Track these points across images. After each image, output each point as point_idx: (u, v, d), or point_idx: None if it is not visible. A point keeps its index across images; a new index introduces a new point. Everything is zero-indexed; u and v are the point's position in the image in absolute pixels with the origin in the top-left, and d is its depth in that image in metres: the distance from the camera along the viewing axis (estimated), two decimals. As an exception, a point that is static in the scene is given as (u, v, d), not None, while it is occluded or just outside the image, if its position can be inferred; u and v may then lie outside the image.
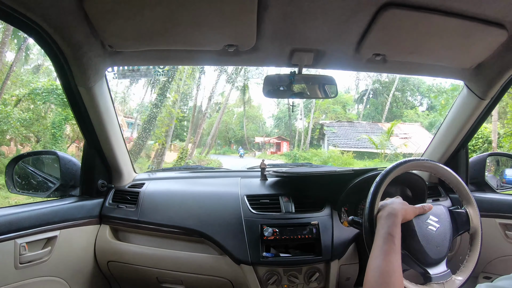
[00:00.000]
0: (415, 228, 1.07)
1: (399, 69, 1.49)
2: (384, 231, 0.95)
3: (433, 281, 1.05)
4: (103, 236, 1.54)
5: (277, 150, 30.53)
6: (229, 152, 33.08)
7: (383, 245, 0.92)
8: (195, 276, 1.43)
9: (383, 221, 0.99)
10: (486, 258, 1.60)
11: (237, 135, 36.33)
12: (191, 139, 19.40)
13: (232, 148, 35.63)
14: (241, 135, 35.55)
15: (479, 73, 1.37)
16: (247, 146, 33.64)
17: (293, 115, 29.80)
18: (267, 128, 37.96)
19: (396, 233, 0.95)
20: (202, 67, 17.30)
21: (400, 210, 1.02)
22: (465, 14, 1.03)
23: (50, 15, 0.96)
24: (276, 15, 1.06)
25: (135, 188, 1.65)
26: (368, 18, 1.06)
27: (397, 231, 0.96)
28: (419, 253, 1.06)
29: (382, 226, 0.97)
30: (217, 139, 32.84)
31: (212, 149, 31.55)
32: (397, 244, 0.92)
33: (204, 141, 32.54)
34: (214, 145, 32.77)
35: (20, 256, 1.21)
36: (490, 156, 1.87)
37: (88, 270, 1.53)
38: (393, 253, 0.90)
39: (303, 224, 1.42)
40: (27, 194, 1.65)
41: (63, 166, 1.58)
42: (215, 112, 29.03)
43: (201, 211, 1.49)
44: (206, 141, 27.02)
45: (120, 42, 1.20)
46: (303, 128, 27.08)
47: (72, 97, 1.34)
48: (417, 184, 1.48)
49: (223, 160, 21.07)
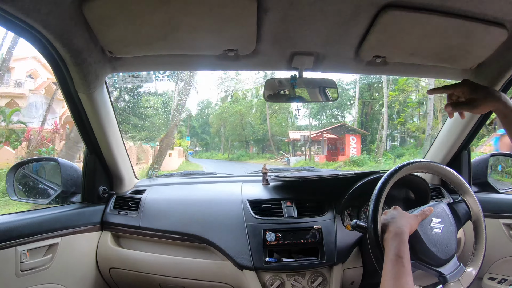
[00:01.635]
0: (421, 236, 1.06)
1: (399, 71, 1.49)
2: (392, 253, 0.93)
3: (450, 281, 1.06)
4: (105, 242, 1.53)
5: (336, 153, 18.67)
6: (245, 157, 26.32)
7: (392, 269, 0.90)
8: (198, 282, 1.42)
9: (390, 242, 0.97)
10: (490, 259, 1.59)
11: (258, 133, 27.53)
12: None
13: (251, 151, 28.70)
14: (263, 132, 27.03)
15: (480, 73, 1.37)
16: (272, 148, 26.40)
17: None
18: (296, 120, 28.24)
19: (404, 253, 0.93)
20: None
21: (405, 226, 1.00)
22: (465, 14, 1.03)
23: (50, 21, 0.96)
24: (276, 18, 1.06)
25: (136, 194, 1.65)
26: (368, 20, 1.06)
27: (405, 250, 0.94)
28: (430, 259, 1.06)
29: (389, 248, 0.95)
30: (231, 139, 28.89)
31: (225, 153, 28.12)
32: (407, 265, 0.91)
33: (215, 143, 29.78)
34: (227, 148, 28.85)
35: (21, 263, 1.20)
36: (492, 156, 1.86)
37: (90, 277, 1.52)
38: (404, 276, 0.88)
39: (306, 228, 1.41)
40: (28, 201, 1.65)
41: (64, 172, 1.58)
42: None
43: (203, 216, 1.49)
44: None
45: (120, 48, 1.20)
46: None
47: (72, 103, 1.33)
48: (420, 186, 1.48)
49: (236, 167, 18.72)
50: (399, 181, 1.15)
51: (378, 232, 1.04)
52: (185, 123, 29.80)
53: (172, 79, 16.22)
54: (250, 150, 28.83)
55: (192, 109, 33.39)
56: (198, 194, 1.66)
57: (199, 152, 31.53)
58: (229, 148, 29.58)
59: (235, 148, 29.95)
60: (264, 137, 27.28)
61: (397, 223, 1.01)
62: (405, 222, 1.02)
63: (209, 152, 31.25)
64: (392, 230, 0.99)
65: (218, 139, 31.44)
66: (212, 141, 32.61)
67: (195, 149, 31.75)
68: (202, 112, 33.93)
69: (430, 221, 1.11)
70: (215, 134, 31.12)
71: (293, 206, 1.50)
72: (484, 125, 1.63)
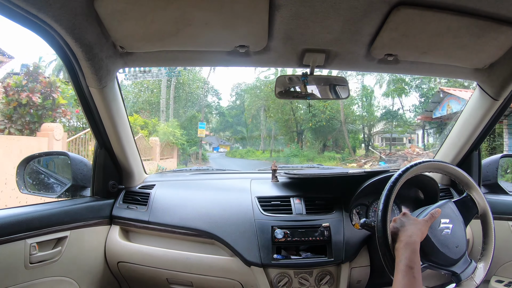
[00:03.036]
0: (432, 239, 1.07)
1: (411, 70, 1.47)
2: (402, 264, 0.93)
3: (463, 279, 1.07)
4: (113, 236, 1.54)
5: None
6: (301, 158, 17.92)
7: (402, 280, 0.91)
8: (205, 277, 1.43)
9: (401, 252, 0.96)
10: (498, 262, 1.58)
11: (318, 118, 17.86)
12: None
13: (302, 147, 20.23)
14: (330, 117, 17.99)
15: (492, 73, 1.36)
16: (346, 142, 18.61)
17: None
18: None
19: (415, 263, 0.93)
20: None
21: (416, 235, 1.00)
22: (478, 13, 1.02)
23: (61, 16, 0.96)
24: (287, 15, 1.06)
25: (145, 189, 1.66)
26: (380, 18, 1.06)
27: (416, 260, 0.94)
28: (442, 260, 1.07)
29: (400, 259, 0.95)
30: (275, 129, 21.57)
31: (266, 151, 21.88)
32: (417, 276, 0.91)
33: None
34: (269, 143, 22.52)
35: (31, 256, 1.22)
36: (503, 157, 1.84)
37: (98, 271, 1.53)
38: (414, 287, 0.89)
39: (314, 226, 1.41)
40: (38, 194, 1.66)
41: (74, 166, 1.59)
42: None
43: (212, 212, 1.49)
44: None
45: (132, 43, 1.20)
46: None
47: (83, 98, 1.34)
48: (429, 186, 1.47)
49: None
50: (408, 181, 1.15)
51: (387, 232, 1.04)
52: (209, 109, 25.11)
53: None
54: (301, 145, 20.64)
55: (224, 96, 28.49)
56: (207, 190, 1.66)
57: (234, 148, 27.29)
58: (271, 143, 22.62)
59: (280, 143, 22.37)
60: (329, 126, 18.46)
61: (408, 232, 1.00)
62: (416, 229, 1.01)
63: (245, 149, 25.04)
64: (403, 239, 0.99)
65: (257, 131, 24.70)
66: (249, 135, 25.69)
67: (231, 145, 28.41)
68: (239, 98, 27.91)
69: (439, 222, 1.11)
70: (253, 125, 24.66)
71: (302, 203, 1.50)
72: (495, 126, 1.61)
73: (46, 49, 13.83)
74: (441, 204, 1.17)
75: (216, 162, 19.35)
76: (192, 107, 21.03)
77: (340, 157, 17.92)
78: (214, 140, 29.67)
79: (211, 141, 29.18)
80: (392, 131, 21.30)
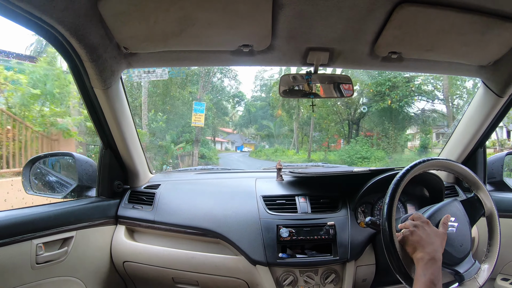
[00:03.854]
0: None
1: (415, 68, 1.47)
2: (426, 279, 0.93)
3: (466, 279, 1.06)
4: (119, 236, 1.55)
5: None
6: (370, 161, 12.93)
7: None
8: (211, 276, 1.43)
9: (425, 266, 0.95)
10: (504, 260, 1.57)
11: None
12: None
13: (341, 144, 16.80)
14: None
15: (497, 70, 1.36)
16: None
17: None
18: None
19: (439, 280, 0.93)
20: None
21: (440, 251, 0.99)
22: (482, 10, 1.02)
23: (65, 18, 0.97)
24: (291, 14, 1.06)
25: (151, 189, 1.66)
26: (384, 15, 1.06)
27: (439, 277, 0.94)
28: (446, 258, 1.07)
29: (423, 273, 0.94)
30: (316, 120, 16.86)
31: (301, 151, 17.99)
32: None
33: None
34: (302, 141, 18.83)
35: (37, 256, 1.23)
36: (508, 155, 1.83)
37: (104, 270, 1.54)
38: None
39: (319, 224, 1.41)
40: (43, 195, 1.67)
41: (80, 167, 1.60)
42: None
43: (217, 211, 1.49)
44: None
45: (136, 44, 1.21)
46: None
47: (88, 99, 1.35)
48: (435, 184, 1.47)
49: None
50: (413, 179, 1.15)
51: (392, 230, 1.04)
52: (223, 95, 18.68)
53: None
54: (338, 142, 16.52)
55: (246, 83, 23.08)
56: (212, 189, 1.67)
57: (259, 147, 23.13)
58: (309, 141, 17.73)
59: (316, 141, 18.07)
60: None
61: (434, 245, 0.99)
62: (440, 243, 1.01)
63: (273, 149, 20.74)
64: (430, 252, 0.97)
65: (288, 124, 20.10)
66: (278, 131, 21.14)
67: (256, 144, 24.17)
68: (264, 86, 22.63)
69: None
70: (284, 118, 19.77)
71: (307, 202, 1.50)
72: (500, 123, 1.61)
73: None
74: (447, 202, 1.17)
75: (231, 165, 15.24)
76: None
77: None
78: (238, 139, 26.88)
79: (234, 139, 26.79)
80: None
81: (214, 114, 17.49)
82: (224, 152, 23.86)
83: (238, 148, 26.14)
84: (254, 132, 24.67)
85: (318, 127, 17.86)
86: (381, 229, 1.07)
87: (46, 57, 7.20)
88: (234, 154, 23.15)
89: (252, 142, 25.95)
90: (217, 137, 23.21)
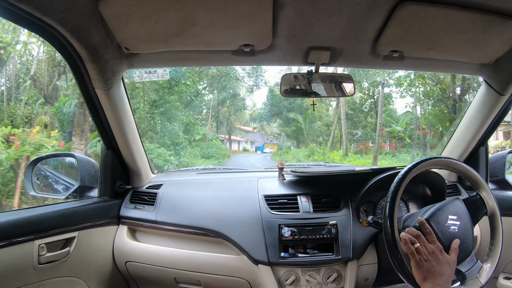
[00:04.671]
0: (438, 234, 1.07)
1: (417, 66, 1.47)
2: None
3: (467, 278, 1.06)
4: (121, 236, 1.55)
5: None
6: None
7: None
8: (213, 276, 1.43)
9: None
10: (506, 258, 1.57)
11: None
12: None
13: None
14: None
15: (498, 68, 1.35)
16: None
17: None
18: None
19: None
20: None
21: (451, 278, 0.99)
22: (483, 7, 1.02)
23: (66, 19, 0.97)
24: (292, 13, 1.06)
25: (153, 189, 1.66)
26: (385, 14, 1.06)
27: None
28: None
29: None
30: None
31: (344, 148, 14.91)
32: None
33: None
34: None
35: (39, 256, 1.23)
36: (510, 153, 1.82)
37: (106, 271, 1.54)
38: None
39: (321, 224, 1.41)
40: (46, 195, 1.68)
41: (82, 167, 1.61)
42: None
43: (219, 211, 1.49)
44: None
45: (136, 44, 1.21)
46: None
47: (89, 99, 1.35)
48: (437, 182, 1.46)
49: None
50: (415, 178, 1.15)
51: (394, 229, 1.04)
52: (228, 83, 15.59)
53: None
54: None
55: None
56: (214, 189, 1.67)
57: (284, 147, 19.84)
58: (376, 142, 14.35)
59: (357, 140, 15.33)
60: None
61: (444, 276, 0.98)
62: (450, 273, 1.00)
63: (306, 149, 16.60)
64: (440, 284, 0.97)
65: (323, 118, 16.66)
66: (309, 127, 17.33)
67: (280, 144, 20.37)
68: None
69: (447, 218, 1.11)
70: (319, 110, 16.20)
71: (309, 201, 1.49)
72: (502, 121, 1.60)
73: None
74: (449, 201, 1.17)
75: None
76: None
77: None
78: (258, 138, 23.74)
79: (253, 138, 23.63)
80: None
81: (228, 109, 15.47)
82: (240, 153, 21.08)
83: (259, 148, 23.86)
84: (277, 131, 21.08)
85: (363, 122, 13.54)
86: (383, 228, 1.07)
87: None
88: (252, 156, 20.29)
89: (275, 142, 23.34)
90: (233, 135, 21.26)
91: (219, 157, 14.64)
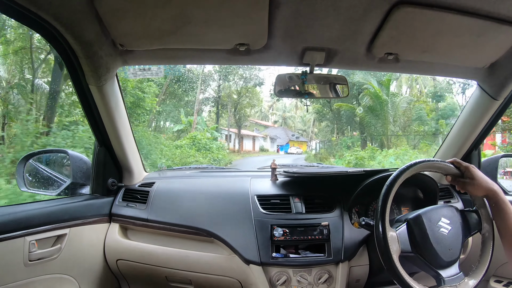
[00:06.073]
0: (427, 231, 1.07)
1: (411, 69, 1.47)
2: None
3: (446, 284, 1.06)
4: (113, 234, 1.54)
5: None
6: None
7: None
8: (204, 275, 1.43)
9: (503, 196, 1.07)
10: (497, 262, 1.57)
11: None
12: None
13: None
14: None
15: (492, 72, 1.36)
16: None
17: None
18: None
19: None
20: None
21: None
22: (478, 12, 1.02)
23: (61, 14, 0.97)
24: (288, 13, 1.06)
25: (145, 187, 1.66)
26: (381, 16, 1.06)
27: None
28: (431, 256, 1.07)
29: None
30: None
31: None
32: None
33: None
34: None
35: (30, 253, 1.22)
36: (503, 157, 1.84)
37: (97, 268, 1.53)
38: None
39: (313, 225, 1.41)
40: (37, 192, 1.67)
41: (74, 164, 1.59)
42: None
43: (211, 210, 1.49)
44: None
45: (131, 41, 1.20)
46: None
47: (82, 95, 1.34)
48: (429, 185, 1.47)
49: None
50: (408, 180, 1.15)
51: (385, 231, 1.04)
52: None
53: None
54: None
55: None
56: (206, 188, 1.66)
57: (325, 146, 15.29)
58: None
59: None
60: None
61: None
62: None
63: (365, 152, 12.86)
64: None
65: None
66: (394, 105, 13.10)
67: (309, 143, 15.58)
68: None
69: (439, 219, 1.11)
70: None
71: (301, 202, 1.49)
72: (494, 125, 1.61)
73: None
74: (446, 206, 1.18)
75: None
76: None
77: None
78: (282, 133, 18.35)
79: (275, 134, 17.84)
80: None
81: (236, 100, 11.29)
82: (254, 155, 15.33)
83: (281, 148, 19.05)
84: (301, 127, 15.08)
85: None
86: (374, 230, 1.08)
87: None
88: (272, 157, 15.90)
89: (302, 139, 18.58)
90: (245, 130, 15.52)
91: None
